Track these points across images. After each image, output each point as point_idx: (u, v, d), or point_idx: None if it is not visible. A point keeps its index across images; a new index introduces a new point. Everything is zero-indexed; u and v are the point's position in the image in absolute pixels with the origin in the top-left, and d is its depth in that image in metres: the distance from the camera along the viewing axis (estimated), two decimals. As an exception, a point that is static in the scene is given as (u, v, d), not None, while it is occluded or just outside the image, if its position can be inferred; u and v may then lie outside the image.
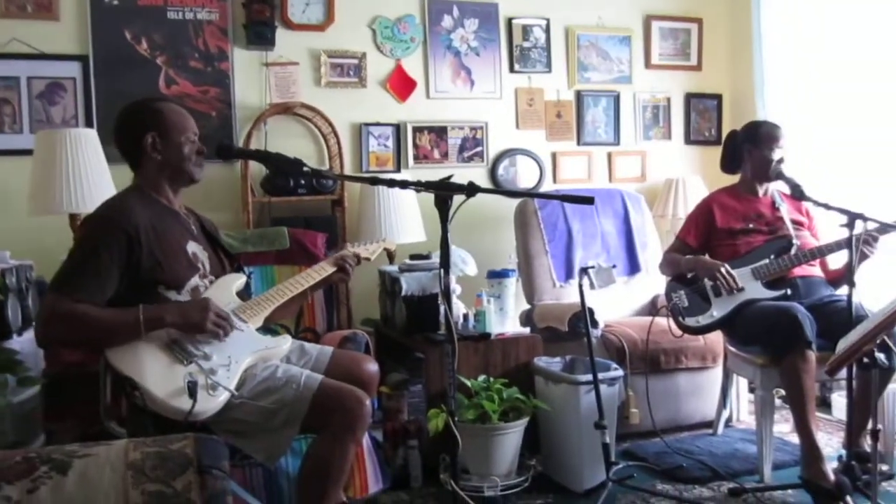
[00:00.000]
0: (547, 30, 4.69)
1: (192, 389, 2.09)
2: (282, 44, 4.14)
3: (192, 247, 2.44)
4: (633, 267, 4.31)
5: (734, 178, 3.64)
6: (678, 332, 3.41)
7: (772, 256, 3.29)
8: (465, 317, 3.45)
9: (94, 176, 3.23)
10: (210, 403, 2.14)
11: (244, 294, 2.56)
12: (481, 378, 3.19)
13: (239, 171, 4.01)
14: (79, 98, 3.84)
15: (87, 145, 3.24)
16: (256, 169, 3.96)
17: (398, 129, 4.41)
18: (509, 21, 4.61)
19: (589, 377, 3.03)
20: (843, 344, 2.43)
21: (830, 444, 3.58)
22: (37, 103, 3.79)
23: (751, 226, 3.43)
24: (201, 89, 4.05)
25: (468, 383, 3.12)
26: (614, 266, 3.25)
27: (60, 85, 3.83)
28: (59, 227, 3.33)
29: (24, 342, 2.84)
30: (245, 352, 2.32)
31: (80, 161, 3.21)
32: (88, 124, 3.81)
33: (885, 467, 3.12)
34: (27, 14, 3.76)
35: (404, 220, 3.94)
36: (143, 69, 3.94)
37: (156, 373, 2.13)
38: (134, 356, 2.16)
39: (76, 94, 3.84)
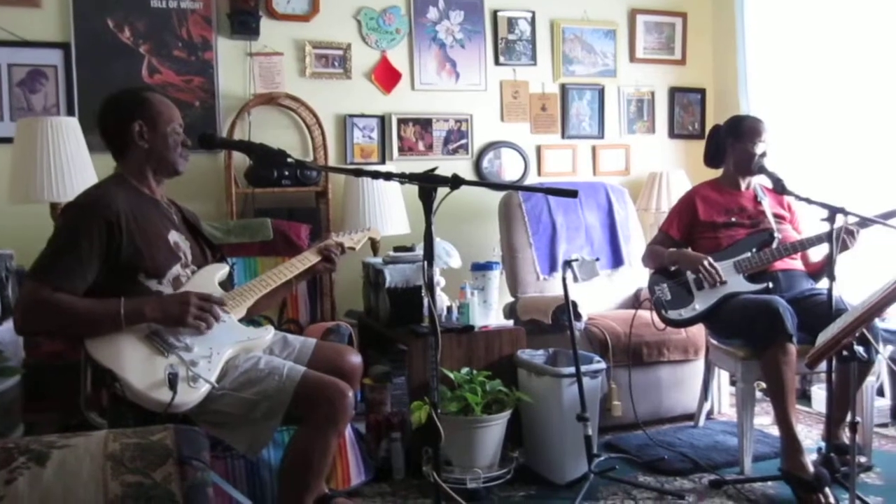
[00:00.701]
0: (532, 22, 4.69)
1: (172, 381, 2.08)
2: (266, 34, 4.12)
3: (174, 236, 2.43)
4: (617, 260, 4.32)
5: (717, 172, 3.66)
6: (661, 325, 3.42)
7: (754, 250, 3.31)
8: (449, 309, 3.45)
9: (76, 164, 3.20)
10: (190, 395, 2.13)
11: (227, 284, 2.55)
12: (464, 370, 3.20)
13: (222, 161, 3.99)
14: (60, 86, 3.81)
15: (68, 134, 3.21)
16: (240, 159, 3.94)
17: (383, 120, 4.40)
18: (494, 13, 4.61)
19: (572, 370, 3.04)
20: (822, 337, 2.44)
21: (810, 436, 3.61)
22: (17, 91, 3.75)
23: (733, 219, 3.44)
24: (185, 79, 4.02)
25: (451, 375, 3.12)
26: (598, 259, 3.26)
27: (42, 73, 3.79)
28: (39, 215, 3.30)
29: (3, 332, 2.82)
30: (227, 343, 2.31)
31: (62, 149, 3.18)
32: (70, 112, 3.78)
33: (863, 459, 3.16)
34: (8, 1, 3.72)
35: (388, 211, 3.94)
36: (126, 58, 3.91)
37: (136, 364, 2.12)
38: (114, 347, 2.14)
39: (58, 82, 3.81)
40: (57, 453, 1.35)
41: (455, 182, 2.15)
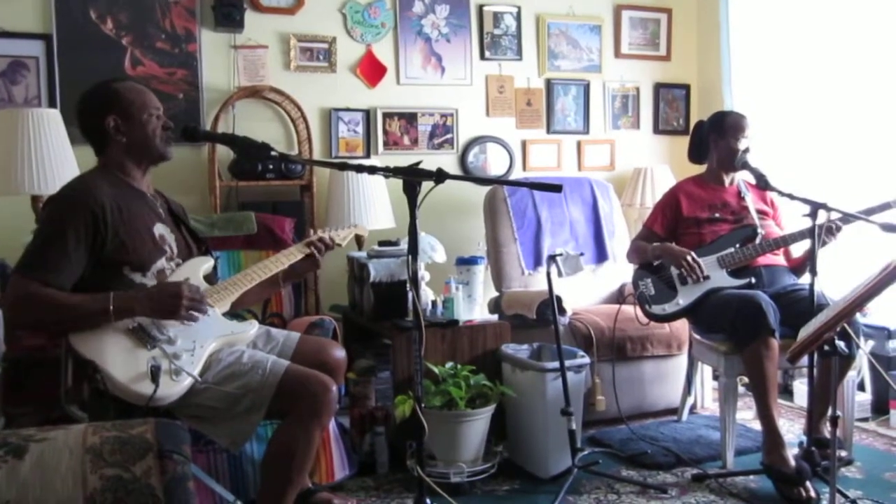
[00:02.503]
0: (518, 17, 4.68)
1: (154, 374, 2.07)
2: (251, 26, 4.09)
3: (160, 228, 2.41)
4: (601, 255, 4.33)
5: (701, 168, 3.67)
6: (644, 319, 3.44)
7: (737, 245, 3.33)
8: (434, 303, 3.45)
9: (58, 157, 3.17)
10: (173, 389, 2.12)
11: (211, 278, 2.53)
12: (449, 365, 3.19)
13: (206, 154, 3.97)
14: (42, 77, 3.77)
15: (49, 126, 3.18)
16: (224, 153, 3.92)
17: (368, 114, 4.39)
18: (480, 8, 4.60)
19: (556, 364, 3.04)
20: (804, 332, 2.46)
21: (792, 430, 3.64)
22: (-2, 82, 3.72)
23: (716, 215, 3.46)
24: (168, 71, 3.99)
25: (435, 370, 3.12)
26: (582, 254, 3.27)
27: (23, 64, 3.75)
28: (20, 208, 3.27)
29: (-17, 325, 2.79)
30: (210, 336, 2.30)
31: (43, 142, 3.15)
32: (52, 104, 3.74)
33: (843, 453, 3.19)
34: (-12, -9, 3.68)
35: (373, 206, 3.92)
36: (108, 49, 3.87)
37: (118, 356, 2.11)
38: (96, 339, 2.13)
39: (39, 73, 3.76)
40: (35, 446, 1.33)
41: (439, 176, 2.16)
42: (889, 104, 3.87)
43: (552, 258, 3.13)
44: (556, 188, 2.32)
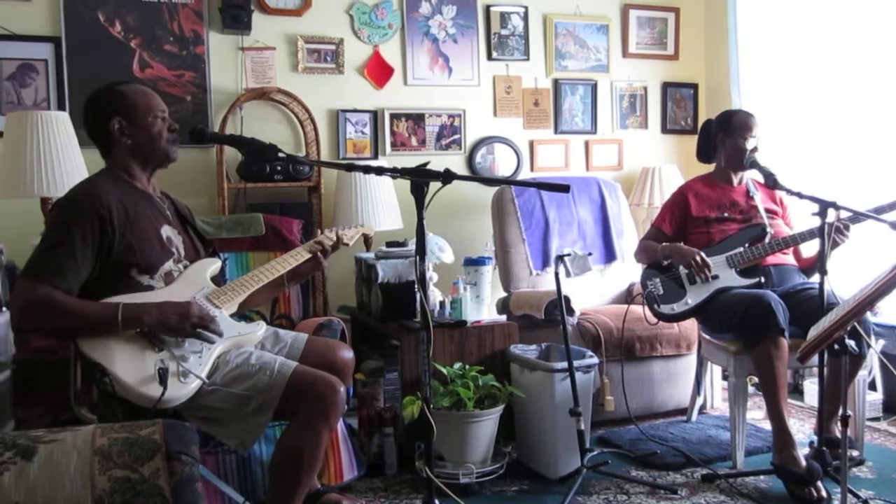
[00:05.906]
0: (525, 17, 4.68)
1: (162, 376, 2.07)
2: (258, 28, 4.11)
3: (167, 230, 2.41)
4: (609, 255, 4.32)
5: (710, 167, 3.66)
6: (653, 319, 3.43)
7: (746, 244, 3.32)
8: (442, 304, 3.45)
9: (66, 159, 3.18)
10: (181, 391, 2.12)
11: (219, 279, 2.53)
12: (457, 365, 3.19)
13: (214, 156, 3.98)
14: (51, 80, 3.79)
15: (58, 128, 3.19)
16: (232, 154, 3.92)
17: (375, 115, 4.39)
18: (487, 8, 4.60)
19: (564, 364, 3.04)
20: (814, 331, 2.45)
21: (802, 430, 3.62)
22: (7, 85, 3.73)
23: (725, 214, 3.45)
24: (176, 73, 4.00)
25: (444, 370, 3.12)
26: (590, 254, 3.26)
27: (32, 66, 3.77)
28: (30, 210, 3.29)
29: (-7, 327, 2.80)
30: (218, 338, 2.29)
31: (52, 144, 3.16)
32: (61, 107, 3.76)
33: (854, 453, 3.17)
34: (-3, -5, 3.70)
35: (381, 207, 3.93)
36: (117, 52, 3.89)
37: (126, 359, 2.11)
38: (104, 342, 2.13)
39: (48, 76, 3.78)
40: (44, 448, 1.34)
41: (446, 177, 2.16)
42: (898, 102, 3.85)
43: (560, 258, 3.13)
44: (563, 188, 2.33)
